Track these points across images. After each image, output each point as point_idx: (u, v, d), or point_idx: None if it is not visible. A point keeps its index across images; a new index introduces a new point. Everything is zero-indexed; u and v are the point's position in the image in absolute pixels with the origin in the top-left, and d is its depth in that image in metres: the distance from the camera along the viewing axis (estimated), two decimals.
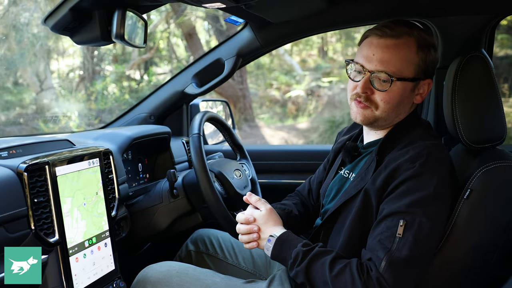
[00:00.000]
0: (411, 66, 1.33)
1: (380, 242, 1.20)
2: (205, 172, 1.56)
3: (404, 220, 1.19)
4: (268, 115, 10.79)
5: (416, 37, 1.33)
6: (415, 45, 1.33)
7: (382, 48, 1.32)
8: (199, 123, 1.65)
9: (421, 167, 1.23)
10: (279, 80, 11.29)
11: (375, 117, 1.37)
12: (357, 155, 1.49)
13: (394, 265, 1.16)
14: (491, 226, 1.29)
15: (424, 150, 1.26)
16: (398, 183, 1.24)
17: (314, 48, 12.20)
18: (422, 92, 1.39)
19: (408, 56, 1.32)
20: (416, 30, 1.34)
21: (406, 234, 1.18)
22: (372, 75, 1.33)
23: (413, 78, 1.34)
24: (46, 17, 1.45)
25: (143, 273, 1.58)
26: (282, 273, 1.58)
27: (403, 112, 1.39)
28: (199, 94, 2.23)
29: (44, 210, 1.30)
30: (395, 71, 1.31)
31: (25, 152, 1.42)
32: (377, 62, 1.32)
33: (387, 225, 1.21)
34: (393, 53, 1.32)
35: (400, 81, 1.32)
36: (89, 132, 1.94)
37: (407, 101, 1.38)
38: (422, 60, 1.34)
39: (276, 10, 1.76)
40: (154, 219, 1.77)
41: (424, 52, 1.34)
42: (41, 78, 9.15)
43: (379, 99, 1.34)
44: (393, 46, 1.32)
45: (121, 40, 1.43)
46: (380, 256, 1.18)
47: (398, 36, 1.32)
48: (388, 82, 1.31)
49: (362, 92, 1.34)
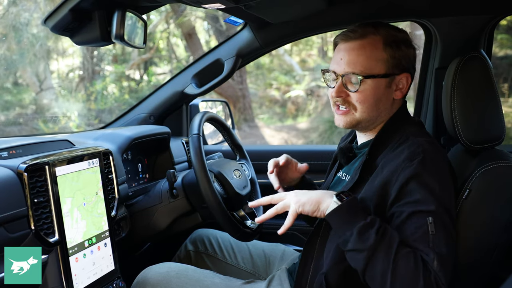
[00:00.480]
0: (379, 63, 1.35)
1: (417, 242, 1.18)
2: (205, 172, 1.56)
3: (430, 218, 1.18)
4: (267, 115, 10.80)
5: (382, 35, 1.36)
6: (381, 42, 1.35)
7: (348, 51, 1.37)
8: (198, 123, 1.65)
9: (420, 166, 1.23)
10: (278, 80, 11.29)
11: (356, 120, 1.40)
12: (352, 157, 1.50)
13: (442, 263, 1.15)
14: (490, 226, 1.30)
15: (419, 148, 1.26)
16: (401, 185, 1.23)
17: (314, 48, 12.20)
18: (402, 87, 1.40)
19: (375, 54, 1.35)
20: (383, 28, 1.37)
21: (437, 231, 1.17)
22: (343, 78, 1.37)
23: (384, 74, 1.36)
24: (46, 18, 1.45)
25: (142, 274, 1.59)
26: (282, 272, 1.58)
27: (384, 109, 1.40)
28: (199, 94, 2.23)
29: (44, 210, 1.30)
30: (363, 70, 1.34)
31: (25, 152, 1.42)
32: (345, 65, 1.36)
33: (415, 226, 1.19)
34: (358, 53, 1.35)
35: (369, 79, 1.35)
36: (89, 132, 1.94)
37: (385, 98, 1.38)
38: (391, 55, 1.36)
39: (275, 11, 1.76)
40: (153, 219, 1.77)
41: (393, 48, 1.36)
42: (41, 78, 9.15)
43: (354, 100, 1.37)
44: (358, 47, 1.36)
45: (121, 40, 1.43)
46: (431, 256, 1.15)
47: (363, 37, 1.36)
48: (357, 82, 1.35)
49: (336, 96, 1.39)
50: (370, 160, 1.36)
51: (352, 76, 1.35)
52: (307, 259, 1.44)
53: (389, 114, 1.42)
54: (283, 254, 1.83)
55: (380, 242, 1.16)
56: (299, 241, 2.18)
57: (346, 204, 1.23)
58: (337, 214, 1.23)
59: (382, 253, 1.15)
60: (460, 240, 1.28)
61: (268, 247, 1.87)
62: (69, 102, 9.18)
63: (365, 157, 1.36)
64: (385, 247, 1.16)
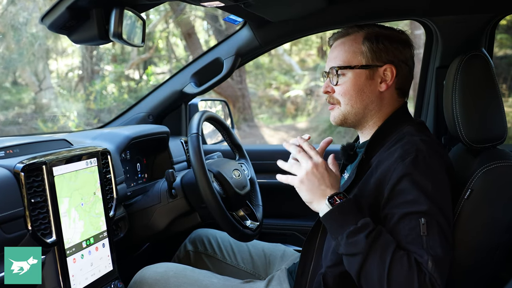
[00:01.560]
0: (357, 55, 1.38)
1: (411, 244, 1.16)
2: (204, 172, 1.55)
3: (422, 219, 1.17)
4: (267, 115, 10.79)
5: (365, 31, 1.40)
6: (362, 37, 1.39)
7: (332, 49, 1.44)
8: (197, 123, 1.64)
9: (411, 165, 1.21)
10: (278, 80, 11.29)
11: (343, 114, 1.41)
12: (354, 155, 1.48)
13: (438, 264, 1.14)
14: (492, 226, 1.28)
15: (412, 147, 1.25)
16: (393, 185, 1.22)
17: (313, 48, 12.20)
18: (388, 79, 1.38)
19: (353, 47, 1.39)
20: (368, 26, 1.41)
21: (430, 232, 1.16)
22: (328, 74, 1.42)
23: (362, 66, 1.37)
24: (43, 16, 1.44)
25: (140, 274, 1.58)
26: (281, 273, 1.57)
27: (370, 102, 1.39)
28: (198, 93, 2.22)
29: (41, 211, 1.29)
30: (341, 63, 1.39)
31: (22, 152, 1.41)
32: (330, 61, 1.42)
33: (408, 228, 1.18)
34: (339, 49, 1.41)
35: (346, 70, 1.38)
36: (87, 132, 1.93)
37: (368, 90, 1.38)
38: (369, 48, 1.37)
39: (275, 9, 1.75)
40: (152, 220, 1.76)
41: (372, 41, 1.38)
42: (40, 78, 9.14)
43: (338, 93, 1.41)
44: (340, 43, 1.42)
45: (119, 39, 1.42)
46: (425, 258, 1.14)
47: (345, 35, 1.42)
48: (336, 74, 1.39)
49: (324, 91, 1.44)
50: (365, 159, 1.35)
51: (333, 70, 1.39)
52: (306, 259, 1.44)
53: (380, 109, 1.40)
54: (283, 254, 1.82)
55: (372, 246, 1.15)
56: (299, 241, 2.17)
57: (338, 208, 1.22)
58: (329, 218, 1.22)
59: (375, 257, 1.14)
60: (461, 240, 1.27)
61: (268, 247, 1.86)
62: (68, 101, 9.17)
63: (361, 156, 1.36)
64: (378, 251, 1.15)
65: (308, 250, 1.44)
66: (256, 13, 1.74)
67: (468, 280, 1.32)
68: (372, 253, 1.15)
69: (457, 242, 1.27)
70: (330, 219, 1.22)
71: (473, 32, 1.82)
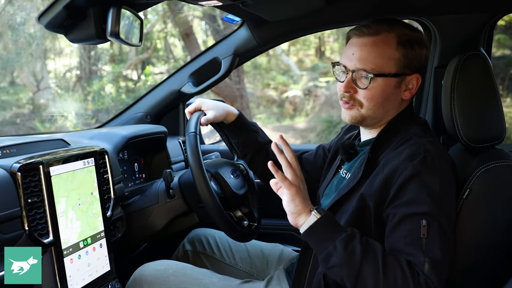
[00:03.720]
0: (390, 61, 1.32)
1: (409, 245, 1.16)
2: (202, 172, 1.54)
3: (423, 220, 1.16)
4: (265, 115, 10.79)
5: (396, 33, 1.33)
6: (395, 41, 1.32)
7: (361, 47, 1.34)
8: (195, 122, 1.63)
9: (419, 166, 1.21)
10: (276, 80, 11.29)
11: (362, 116, 1.37)
12: (354, 154, 1.48)
13: (435, 266, 1.13)
14: (491, 226, 1.28)
15: (420, 148, 1.24)
16: (400, 185, 1.21)
17: (311, 48, 12.21)
18: (411, 88, 1.37)
19: (387, 52, 1.32)
20: (398, 26, 1.35)
21: (430, 235, 1.15)
22: (353, 74, 1.34)
23: (395, 74, 1.33)
24: (40, 15, 1.43)
25: (139, 271, 1.57)
26: (280, 272, 1.57)
27: (391, 108, 1.38)
28: (196, 93, 2.21)
29: (38, 211, 1.29)
30: (374, 67, 1.31)
31: (19, 152, 1.40)
32: (357, 61, 1.33)
33: (408, 229, 1.17)
34: (370, 50, 1.32)
35: (380, 77, 1.32)
36: (84, 132, 1.93)
37: (393, 98, 1.36)
38: (403, 55, 1.33)
39: (273, 8, 1.75)
40: (150, 220, 1.75)
41: (406, 47, 1.33)
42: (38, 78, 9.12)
43: (362, 97, 1.35)
44: (371, 43, 1.33)
45: (117, 38, 1.41)
46: (421, 259, 1.13)
47: (376, 34, 1.33)
48: (367, 79, 1.32)
49: (345, 91, 1.36)
50: (372, 158, 1.34)
51: (363, 73, 1.32)
52: (305, 259, 1.43)
53: (396, 112, 1.40)
54: (281, 254, 1.82)
55: (366, 253, 1.14)
56: (297, 241, 2.16)
57: (324, 217, 1.21)
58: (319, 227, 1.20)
59: (369, 265, 1.13)
60: (460, 240, 1.27)
61: (266, 247, 1.86)
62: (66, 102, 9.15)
63: (367, 155, 1.34)
64: (372, 259, 1.14)
65: (307, 250, 1.43)
66: (254, 12, 1.73)
67: (467, 279, 1.32)
68: (366, 261, 1.14)
69: (456, 241, 1.27)
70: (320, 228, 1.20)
71: (471, 32, 1.82)
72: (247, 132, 1.74)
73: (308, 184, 1.73)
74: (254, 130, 1.76)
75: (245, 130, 1.74)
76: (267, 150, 1.76)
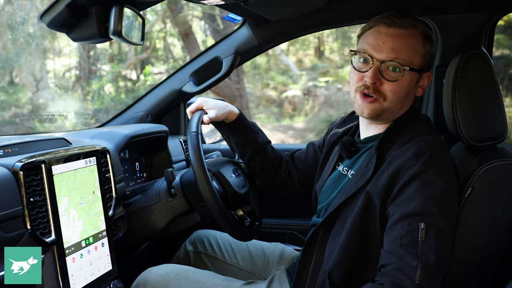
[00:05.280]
0: (418, 56, 1.32)
1: (403, 247, 1.16)
2: (203, 171, 1.54)
3: (422, 223, 1.15)
4: (264, 115, 10.78)
5: (420, 29, 1.33)
6: (420, 36, 1.32)
7: (392, 37, 1.30)
8: (197, 122, 1.63)
9: (426, 165, 1.21)
10: (275, 80, 11.28)
11: (383, 109, 1.34)
12: (355, 151, 1.47)
13: (428, 272, 1.13)
14: (492, 225, 1.28)
15: (426, 146, 1.24)
16: (404, 183, 1.21)
17: (311, 48, 12.20)
18: (423, 85, 1.39)
19: (417, 47, 1.31)
20: (419, 23, 1.35)
21: (428, 238, 1.14)
22: (382, 64, 1.30)
23: (419, 69, 1.33)
24: (42, 14, 1.43)
25: (142, 276, 1.57)
26: (281, 273, 1.57)
27: (407, 104, 1.38)
28: (197, 92, 2.21)
29: (40, 210, 1.29)
30: (406, 59, 1.29)
31: (21, 151, 1.40)
32: (389, 51, 1.29)
33: (406, 229, 1.17)
34: (403, 42, 1.29)
35: (410, 71, 1.31)
36: (86, 131, 1.92)
37: (412, 93, 1.37)
38: (428, 51, 1.34)
39: (275, 8, 1.75)
40: (151, 219, 1.75)
41: (429, 44, 1.34)
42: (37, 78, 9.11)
43: (389, 89, 1.31)
44: (403, 35, 1.30)
45: (119, 37, 1.41)
46: (413, 265, 1.13)
47: (407, 26, 1.31)
48: (400, 71, 1.29)
49: (371, 82, 1.31)
50: (378, 156, 1.34)
51: (394, 64, 1.29)
52: (306, 259, 1.43)
53: (406, 109, 1.40)
54: (282, 253, 1.82)
55: None
56: (298, 241, 2.16)
57: None
58: None
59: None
60: (462, 239, 1.27)
61: (268, 246, 1.86)
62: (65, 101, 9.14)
63: (375, 154, 1.34)
64: None
65: (308, 250, 1.43)
66: (256, 11, 1.73)
67: (468, 279, 1.32)
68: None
69: (457, 240, 1.27)
70: None
71: (472, 31, 1.82)
72: (247, 131, 1.74)
73: (299, 183, 1.75)
74: (254, 130, 1.76)
75: (245, 130, 1.74)
76: (266, 150, 1.77)
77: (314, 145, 1.78)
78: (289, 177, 1.78)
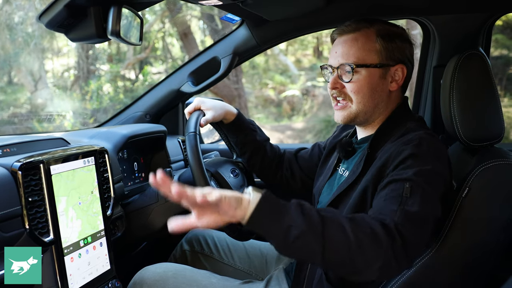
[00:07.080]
0: (371, 53, 1.37)
1: (388, 201, 1.16)
2: (202, 171, 1.54)
3: (408, 182, 1.17)
4: (263, 115, 10.79)
5: (376, 28, 1.39)
6: (374, 34, 1.38)
7: (342, 44, 1.40)
8: (195, 122, 1.63)
9: (415, 148, 1.22)
10: (274, 80, 11.29)
11: (354, 113, 1.41)
12: (352, 151, 1.49)
13: (408, 216, 1.11)
14: (490, 224, 1.29)
15: (416, 137, 1.26)
16: (394, 166, 1.22)
17: (309, 48, 12.21)
18: (398, 79, 1.41)
19: (367, 45, 1.37)
20: (377, 23, 1.40)
21: (413, 195, 1.15)
22: (338, 70, 1.40)
23: (377, 64, 1.37)
24: (41, 14, 1.43)
25: (139, 274, 1.57)
26: (279, 272, 1.57)
27: (381, 101, 1.40)
28: (195, 92, 2.21)
29: (38, 209, 1.29)
30: (355, 60, 1.37)
31: (19, 151, 1.40)
32: (339, 57, 1.40)
33: (392, 188, 1.18)
34: (351, 45, 1.38)
35: (362, 68, 1.37)
36: (84, 131, 1.93)
37: (380, 89, 1.39)
38: (384, 46, 1.37)
39: (273, 8, 1.75)
40: (149, 219, 1.75)
41: (385, 39, 1.38)
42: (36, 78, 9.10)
43: (350, 90, 1.39)
44: (351, 39, 1.39)
45: (117, 37, 1.41)
46: (394, 208, 1.12)
47: (356, 30, 1.39)
48: (350, 72, 1.37)
49: (332, 87, 1.42)
50: (370, 154, 1.36)
51: (346, 67, 1.38)
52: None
53: (386, 107, 1.42)
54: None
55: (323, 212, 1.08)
56: None
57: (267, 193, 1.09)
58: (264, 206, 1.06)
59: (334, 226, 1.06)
60: (459, 238, 1.28)
61: (265, 246, 1.86)
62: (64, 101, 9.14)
63: (366, 151, 1.36)
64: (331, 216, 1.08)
65: None
66: (254, 11, 1.73)
67: (466, 278, 1.32)
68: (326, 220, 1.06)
69: (454, 240, 1.27)
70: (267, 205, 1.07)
71: (470, 31, 1.82)
72: (245, 131, 1.75)
73: (302, 181, 1.75)
74: (253, 129, 1.77)
75: (243, 129, 1.74)
76: (265, 148, 1.77)
77: (319, 146, 1.80)
78: (291, 175, 1.79)
